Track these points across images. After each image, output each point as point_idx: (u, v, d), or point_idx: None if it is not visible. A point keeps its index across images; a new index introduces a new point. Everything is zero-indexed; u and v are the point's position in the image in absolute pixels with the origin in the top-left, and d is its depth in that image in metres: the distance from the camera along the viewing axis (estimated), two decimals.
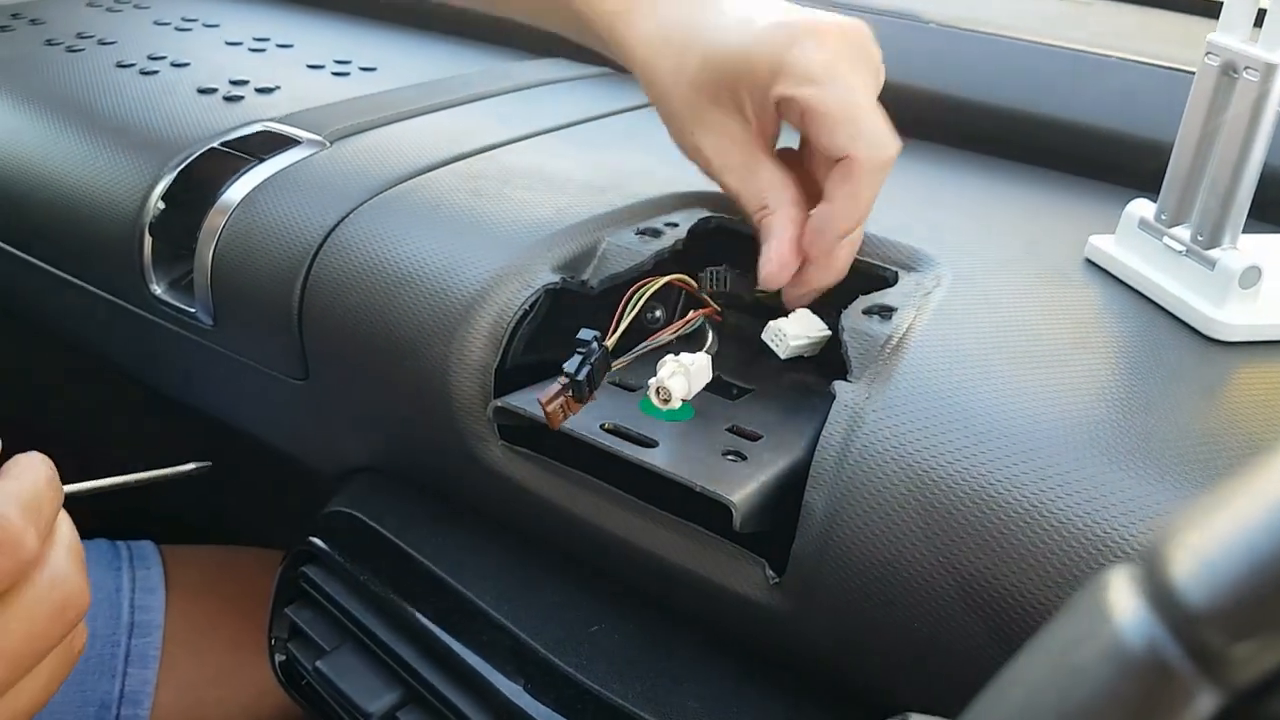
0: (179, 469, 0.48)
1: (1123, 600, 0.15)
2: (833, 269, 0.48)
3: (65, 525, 0.40)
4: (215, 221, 0.60)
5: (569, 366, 0.44)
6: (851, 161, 0.45)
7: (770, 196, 0.49)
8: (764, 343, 0.49)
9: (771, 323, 0.48)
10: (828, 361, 0.49)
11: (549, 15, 0.58)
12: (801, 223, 0.48)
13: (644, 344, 0.47)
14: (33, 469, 0.39)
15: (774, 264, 0.48)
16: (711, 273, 0.51)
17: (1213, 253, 0.46)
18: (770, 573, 0.43)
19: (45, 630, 0.38)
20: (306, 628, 0.56)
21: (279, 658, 0.58)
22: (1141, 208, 0.50)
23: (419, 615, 0.52)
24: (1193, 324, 0.46)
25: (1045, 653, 0.16)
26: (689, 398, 0.45)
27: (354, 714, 0.52)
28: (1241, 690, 0.13)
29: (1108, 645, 0.14)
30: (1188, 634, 0.14)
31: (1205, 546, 0.14)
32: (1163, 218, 0.49)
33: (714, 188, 0.52)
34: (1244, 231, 0.46)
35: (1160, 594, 0.15)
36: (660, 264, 0.51)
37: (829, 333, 0.48)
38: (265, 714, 0.71)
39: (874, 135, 0.46)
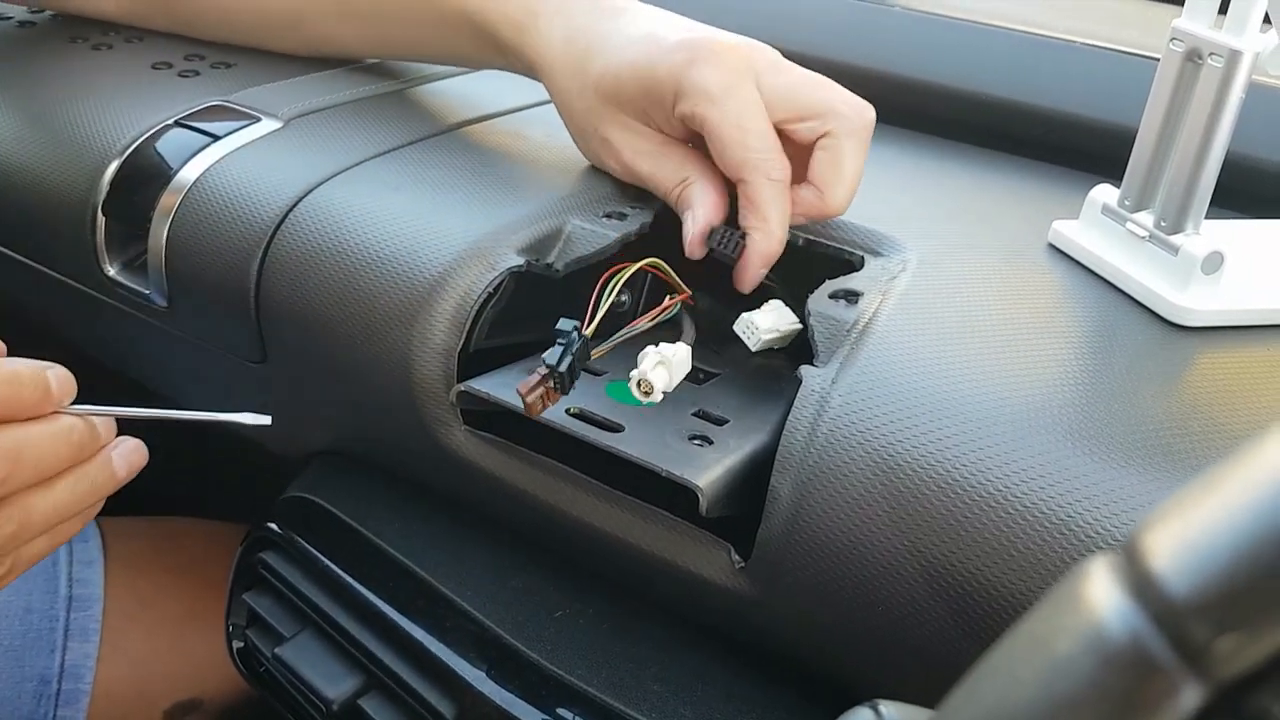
0: (234, 416, 0.47)
1: (1103, 590, 0.15)
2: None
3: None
4: (169, 201, 0.58)
5: (550, 358, 0.43)
6: (748, 185, 0.47)
7: (689, 171, 0.50)
8: (734, 331, 0.48)
9: (745, 314, 0.48)
10: (794, 346, 0.48)
11: (440, 38, 0.61)
12: (724, 192, 0.49)
13: (622, 331, 0.46)
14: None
15: (700, 231, 0.48)
16: (725, 231, 0.48)
17: (1175, 238, 0.46)
18: (736, 557, 0.43)
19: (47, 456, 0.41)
20: (265, 614, 0.55)
21: (237, 644, 0.58)
22: (1105, 193, 0.50)
23: (380, 601, 0.51)
24: (1156, 309, 0.46)
25: (1025, 643, 0.16)
26: (670, 389, 0.44)
27: (314, 701, 0.51)
28: (1226, 684, 0.13)
29: (1089, 636, 0.14)
30: (1170, 625, 0.14)
31: (1187, 535, 0.14)
32: (1126, 203, 0.49)
33: None
34: (1206, 218, 0.47)
35: (1141, 584, 0.14)
36: (626, 247, 0.50)
37: (800, 326, 0.48)
38: (213, 687, 0.69)
39: (762, 155, 0.47)
